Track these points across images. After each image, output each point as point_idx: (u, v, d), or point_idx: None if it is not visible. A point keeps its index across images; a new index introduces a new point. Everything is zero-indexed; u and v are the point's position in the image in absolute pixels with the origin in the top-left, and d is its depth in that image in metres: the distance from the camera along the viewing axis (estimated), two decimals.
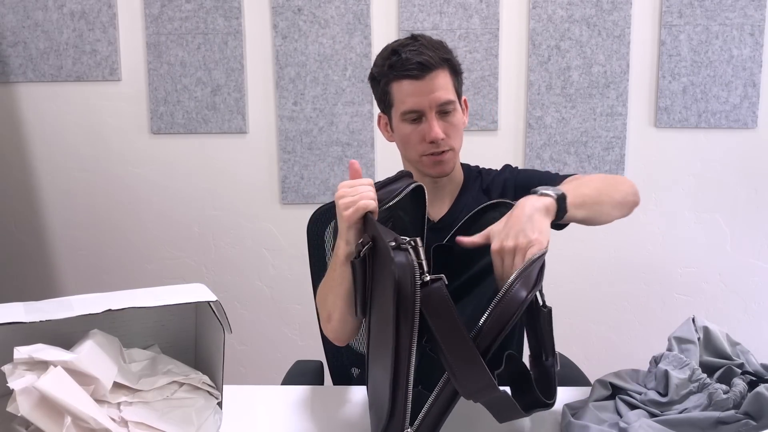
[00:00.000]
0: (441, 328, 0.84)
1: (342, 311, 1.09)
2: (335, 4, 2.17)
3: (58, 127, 2.29)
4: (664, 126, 2.18)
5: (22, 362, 0.86)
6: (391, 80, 1.22)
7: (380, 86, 1.25)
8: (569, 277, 2.25)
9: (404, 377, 0.87)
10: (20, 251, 2.37)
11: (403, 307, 0.85)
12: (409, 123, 1.23)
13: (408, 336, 0.85)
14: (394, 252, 0.86)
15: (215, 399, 1.03)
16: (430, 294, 0.84)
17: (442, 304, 0.84)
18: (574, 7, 2.13)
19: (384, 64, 1.22)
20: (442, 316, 0.84)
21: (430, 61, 1.18)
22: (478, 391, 0.85)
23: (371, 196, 1.00)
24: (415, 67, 1.18)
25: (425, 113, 1.21)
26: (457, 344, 0.84)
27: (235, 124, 2.25)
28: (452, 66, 1.23)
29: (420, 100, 1.20)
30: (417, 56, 1.18)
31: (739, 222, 2.22)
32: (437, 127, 1.20)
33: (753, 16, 2.10)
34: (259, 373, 2.37)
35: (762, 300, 2.26)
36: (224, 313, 1.00)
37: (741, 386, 0.92)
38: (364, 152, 2.23)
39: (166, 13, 2.21)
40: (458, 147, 1.27)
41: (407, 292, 0.84)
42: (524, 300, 0.86)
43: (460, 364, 0.84)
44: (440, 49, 1.22)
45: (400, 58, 1.19)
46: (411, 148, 1.25)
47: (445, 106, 1.21)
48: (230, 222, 2.31)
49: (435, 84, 1.20)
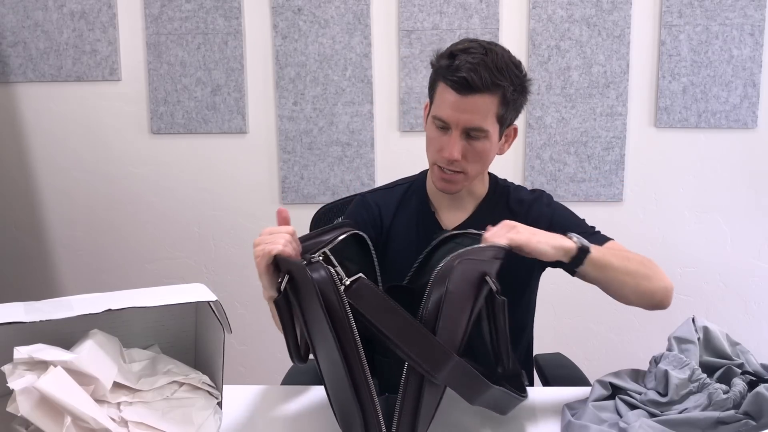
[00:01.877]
0: (380, 319, 0.86)
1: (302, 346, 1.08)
2: (335, 4, 2.17)
3: (58, 127, 2.29)
4: (664, 126, 2.18)
5: (22, 362, 0.86)
6: (439, 80, 1.17)
7: (432, 77, 1.21)
8: (569, 277, 2.24)
9: (364, 385, 0.87)
10: (20, 251, 2.36)
11: (336, 317, 0.86)
12: (437, 128, 1.19)
13: (351, 343, 0.86)
14: (309, 269, 0.88)
15: (215, 399, 1.03)
16: (357, 292, 0.86)
17: (372, 295, 0.86)
18: (574, 7, 2.13)
19: (440, 60, 1.17)
20: (376, 306, 0.86)
21: (477, 81, 1.10)
22: (436, 364, 0.86)
23: (281, 242, 0.98)
24: (459, 81, 1.11)
25: (452, 128, 1.16)
26: (401, 326, 0.86)
27: (235, 124, 2.25)
28: (504, 94, 1.14)
29: (452, 115, 1.14)
30: (468, 71, 1.11)
31: (739, 222, 2.22)
32: (455, 148, 1.15)
33: (753, 16, 2.10)
34: (259, 373, 2.37)
35: (762, 300, 2.26)
36: (224, 313, 1.00)
37: (741, 386, 0.92)
38: (364, 152, 2.23)
39: (166, 13, 2.21)
40: (475, 172, 1.21)
41: (333, 301, 0.86)
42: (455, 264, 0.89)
43: (410, 342, 0.85)
44: (500, 72, 1.12)
45: (453, 63, 1.13)
46: (429, 152, 1.23)
47: (474, 132, 1.16)
48: (230, 222, 2.31)
49: (474, 106, 1.13)
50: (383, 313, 0.86)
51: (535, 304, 1.40)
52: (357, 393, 0.88)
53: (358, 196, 1.41)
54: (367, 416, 0.88)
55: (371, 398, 0.87)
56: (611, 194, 2.21)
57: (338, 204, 1.51)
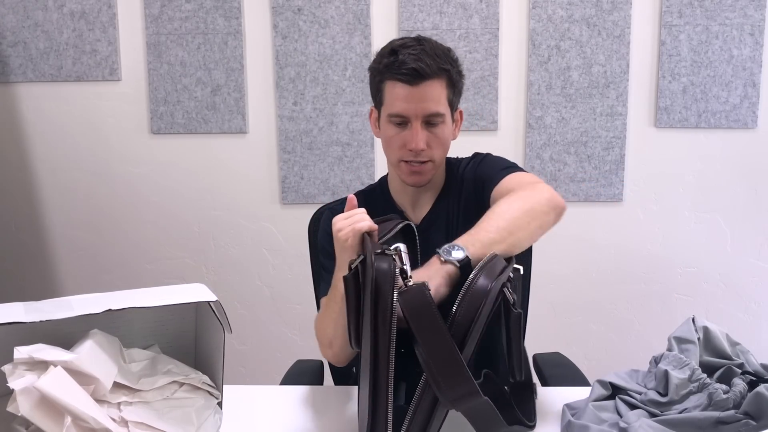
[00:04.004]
0: (423, 331, 0.84)
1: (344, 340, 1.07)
2: (335, 4, 2.17)
3: (58, 127, 2.29)
4: (664, 126, 2.18)
5: (22, 362, 0.86)
6: (385, 79, 1.20)
7: (375, 81, 1.24)
8: (569, 277, 2.25)
9: (384, 387, 0.86)
10: (20, 251, 2.37)
11: (381, 311, 0.85)
12: (395, 126, 1.21)
13: (386, 343, 0.85)
14: (376, 259, 0.87)
15: (215, 399, 1.03)
16: (412, 296, 0.84)
17: (425, 307, 0.84)
18: (574, 7, 2.13)
19: (382, 61, 1.20)
20: (423, 319, 0.84)
21: (425, 69, 1.15)
22: (461, 397, 0.84)
23: (366, 219, 1.00)
24: (409, 72, 1.15)
25: (411, 120, 1.19)
26: (439, 347, 0.83)
27: (235, 124, 2.25)
28: (450, 77, 1.20)
29: (408, 107, 1.17)
30: (414, 61, 1.15)
31: (739, 222, 2.22)
32: (420, 138, 1.18)
33: (753, 16, 2.10)
34: (259, 373, 2.37)
35: (762, 300, 2.26)
36: (224, 313, 1.00)
37: (741, 386, 0.92)
38: (364, 152, 2.23)
39: (166, 13, 2.21)
40: (439, 159, 1.24)
41: (385, 297, 0.85)
42: (488, 288, 0.87)
43: (443, 368, 0.83)
44: (441, 58, 1.18)
45: (397, 59, 1.16)
46: (392, 151, 1.24)
47: (433, 118, 1.19)
48: (230, 222, 2.31)
49: (427, 93, 1.17)
50: (426, 324, 0.84)
51: (528, 299, 1.40)
52: (374, 395, 0.87)
53: (326, 210, 1.41)
54: (376, 421, 0.87)
55: (386, 405, 0.86)
56: (611, 194, 2.21)
57: (338, 204, 1.51)
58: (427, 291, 0.85)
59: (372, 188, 1.39)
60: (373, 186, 1.40)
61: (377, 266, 0.86)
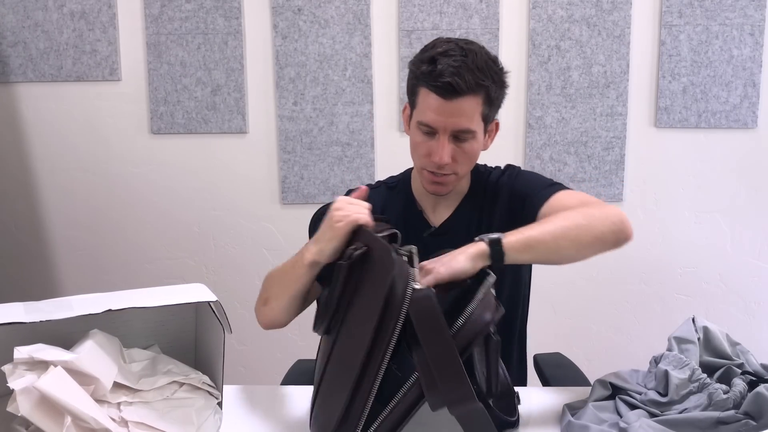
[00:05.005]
0: (427, 333, 0.84)
1: (283, 305, 1.14)
2: (335, 4, 2.17)
3: (58, 127, 2.29)
4: (664, 126, 2.18)
5: (22, 362, 0.86)
6: (421, 84, 1.16)
7: (412, 81, 1.20)
8: (569, 277, 2.25)
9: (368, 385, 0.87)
10: (20, 251, 2.36)
11: (391, 308, 0.86)
12: (423, 134, 1.18)
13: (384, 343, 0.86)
14: (396, 262, 0.87)
15: (215, 399, 1.03)
16: (421, 299, 0.85)
17: (430, 310, 0.85)
18: (574, 7, 2.13)
19: (420, 66, 1.15)
20: (428, 322, 0.84)
21: (461, 85, 1.10)
22: (458, 399, 0.84)
23: (366, 213, 1.01)
24: (443, 87, 1.11)
25: (439, 133, 1.16)
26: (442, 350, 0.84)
27: (235, 124, 2.25)
28: (488, 93, 1.14)
29: (438, 119, 1.14)
30: (451, 75, 1.10)
31: (739, 222, 2.22)
32: (445, 152, 1.15)
33: (753, 16, 2.10)
34: (259, 373, 2.37)
35: (762, 300, 2.26)
36: (224, 313, 1.00)
37: (741, 386, 0.92)
38: (364, 152, 2.23)
39: (166, 13, 2.20)
40: (464, 172, 1.22)
41: (398, 295, 0.85)
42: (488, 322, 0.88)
43: (443, 370, 0.84)
44: (482, 72, 1.12)
45: (435, 68, 1.11)
46: (417, 157, 1.22)
47: (462, 134, 1.16)
48: (230, 222, 2.31)
49: (459, 109, 1.13)
50: (431, 329, 0.84)
51: (529, 299, 1.40)
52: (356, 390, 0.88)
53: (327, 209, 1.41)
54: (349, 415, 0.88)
55: (365, 401, 0.87)
56: (611, 194, 2.21)
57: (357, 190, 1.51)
58: (434, 296, 0.85)
59: (395, 182, 1.36)
60: (396, 179, 1.37)
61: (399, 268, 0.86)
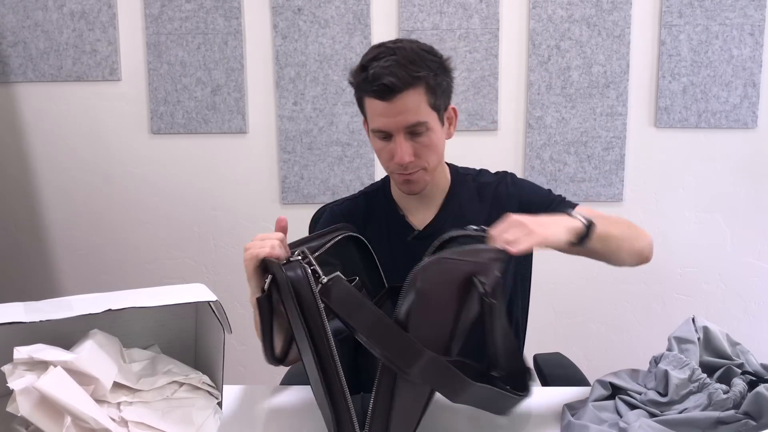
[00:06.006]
0: (351, 315, 0.86)
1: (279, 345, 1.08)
2: (335, 4, 2.17)
3: (58, 127, 2.29)
4: (664, 126, 2.18)
5: (22, 362, 0.86)
6: (363, 95, 1.17)
7: (356, 95, 1.21)
8: (569, 277, 2.25)
9: (337, 383, 0.88)
10: (20, 251, 2.36)
11: (309, 315, 0.87)
12: (380, 140, 1.18)
13: (324, 341, 0.87)
14: (285, 269, 0.89)
15: (215, 399, 1.03)
16: (329, 289, 0.86)
17: (343, 292, 0.86)
18: (574, 7, 2.13)
19: (357, 77, 1.16)
20: (347, 303, 0.86)
21: (395, 83, 1.10)
22: (408, 363, 0.85)
23: (268, 246, 0.99)
24: (380, 89, 1.11)
25: (393, 134, 1.15)
26: (372, 322, 0.85)
27: (235, 124, 2.25)
28: (427, 83, 1.13)
29: (387, 122, 1.14)
30: (384, 76, 1.10)
31: (739, 222, 2.22)
32: (404, 150, 1.15)
33: (753, 16, 2.10)
34: (259, 373, 2.36)
35: (762, 300, 2.26)
36: (224, 313, 1.00)
37: (741, 386, 0.92)
38: (364, 152, 2.23)
39: (166, 13, 2.21)
40: (433, 164, 1.21)
41: (308, 299, 0.87)
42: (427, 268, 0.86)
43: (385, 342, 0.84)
44: (415, 65, 1.12)
45: (368, 75, 1.12)
46: (384, 163, 1.23)
47: (415, 128, 1.14)
48: (230, 222, 2.31)
49: (402, 106, 1.12)
50: (353, 309, 0.86)
51: (529, 294, 1.40)
52: (330, 391, 0.89)
53: (327, 209, 1.41)
54: (339, 415, 0.89)
55: (343, 396, 0.88)
56: (611, 194, 2.21)
57: (338, 204, 1.51)
58: (342, 279, 0.87)
59: (375, 189, 1.38)
60: (375, 186, 1.38)
61: (289, 276, 0.88)
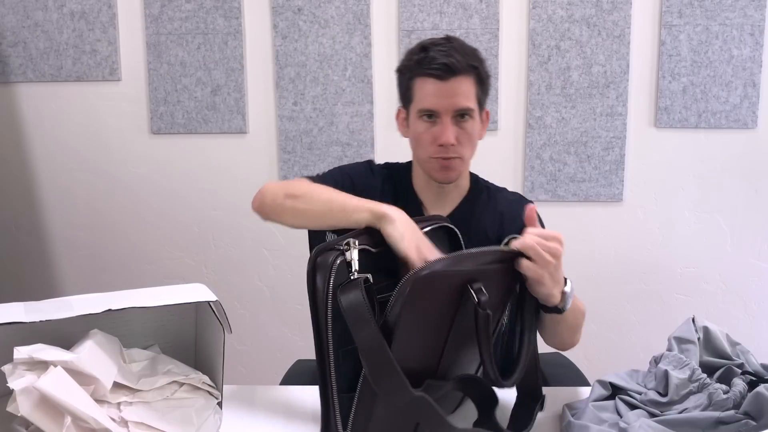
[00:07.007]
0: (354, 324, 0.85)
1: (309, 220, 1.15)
2: (335, 4, 2.17)
3: (58, 127, 2.29)
4: (664, 126, 2.18)
5: (22, 362, 0.86)
6: (416, 76, 1.22)
7: (405, 79, 1.25)
8: (569, 278, 2.24)
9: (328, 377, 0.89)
10: (20, 251, 2.36)
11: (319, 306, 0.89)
12: (425, 122, 1.23)
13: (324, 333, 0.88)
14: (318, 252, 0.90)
15: (215, 399, 1.03)
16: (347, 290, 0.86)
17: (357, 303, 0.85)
18: (574, 7, 2.13)
19: (412, 58, 1.22)
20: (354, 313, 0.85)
21: (456, 64, 1.17)
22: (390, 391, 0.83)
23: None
24: (440, 68, 1.18)
25: (441, 115, 1.21)
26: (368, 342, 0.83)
27: (235, 124, 2.25)
28: (479, 75, 1.22)
29: (439, 101, 1.20)
30: (444, 57, 1.17)
31: (739, 222, 2.22)
32: (450, 132, 1.20)
33: (753, 16, 2.10)
34: (259, 373, 2.36)
35: (762, 300, 2.25)
36: (224, 313, 1.00)
37: (741, 386, 0.92)
38: (364, 152, 2.23)
39: (166, 13, 2.20)
40: (468, 156, 1.26)
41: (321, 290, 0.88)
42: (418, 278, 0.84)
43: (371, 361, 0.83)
44: (470, 56, 1.21)
45: (427, 55, 1.19)
46: (421, 148, 1.25)
47: (463, 113, 1.21)
48: (230, 222, 2.31)
49: (457, 88, 1.19)
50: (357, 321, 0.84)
51: None
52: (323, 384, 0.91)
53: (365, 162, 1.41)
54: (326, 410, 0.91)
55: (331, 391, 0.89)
56: (611, 194, 2.21)
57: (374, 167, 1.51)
58: (362, 284, 0.86)
59: (397, 170, 1.37)
60: (398, 168, 1.38)
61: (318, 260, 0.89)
